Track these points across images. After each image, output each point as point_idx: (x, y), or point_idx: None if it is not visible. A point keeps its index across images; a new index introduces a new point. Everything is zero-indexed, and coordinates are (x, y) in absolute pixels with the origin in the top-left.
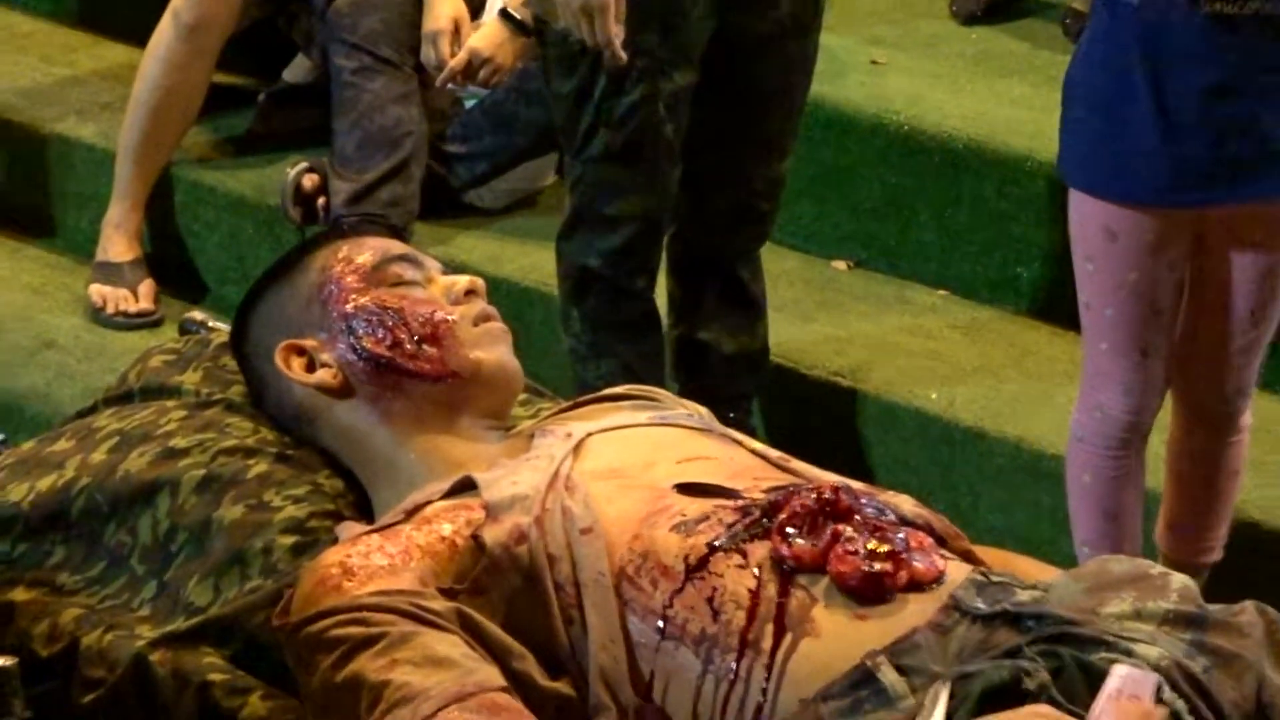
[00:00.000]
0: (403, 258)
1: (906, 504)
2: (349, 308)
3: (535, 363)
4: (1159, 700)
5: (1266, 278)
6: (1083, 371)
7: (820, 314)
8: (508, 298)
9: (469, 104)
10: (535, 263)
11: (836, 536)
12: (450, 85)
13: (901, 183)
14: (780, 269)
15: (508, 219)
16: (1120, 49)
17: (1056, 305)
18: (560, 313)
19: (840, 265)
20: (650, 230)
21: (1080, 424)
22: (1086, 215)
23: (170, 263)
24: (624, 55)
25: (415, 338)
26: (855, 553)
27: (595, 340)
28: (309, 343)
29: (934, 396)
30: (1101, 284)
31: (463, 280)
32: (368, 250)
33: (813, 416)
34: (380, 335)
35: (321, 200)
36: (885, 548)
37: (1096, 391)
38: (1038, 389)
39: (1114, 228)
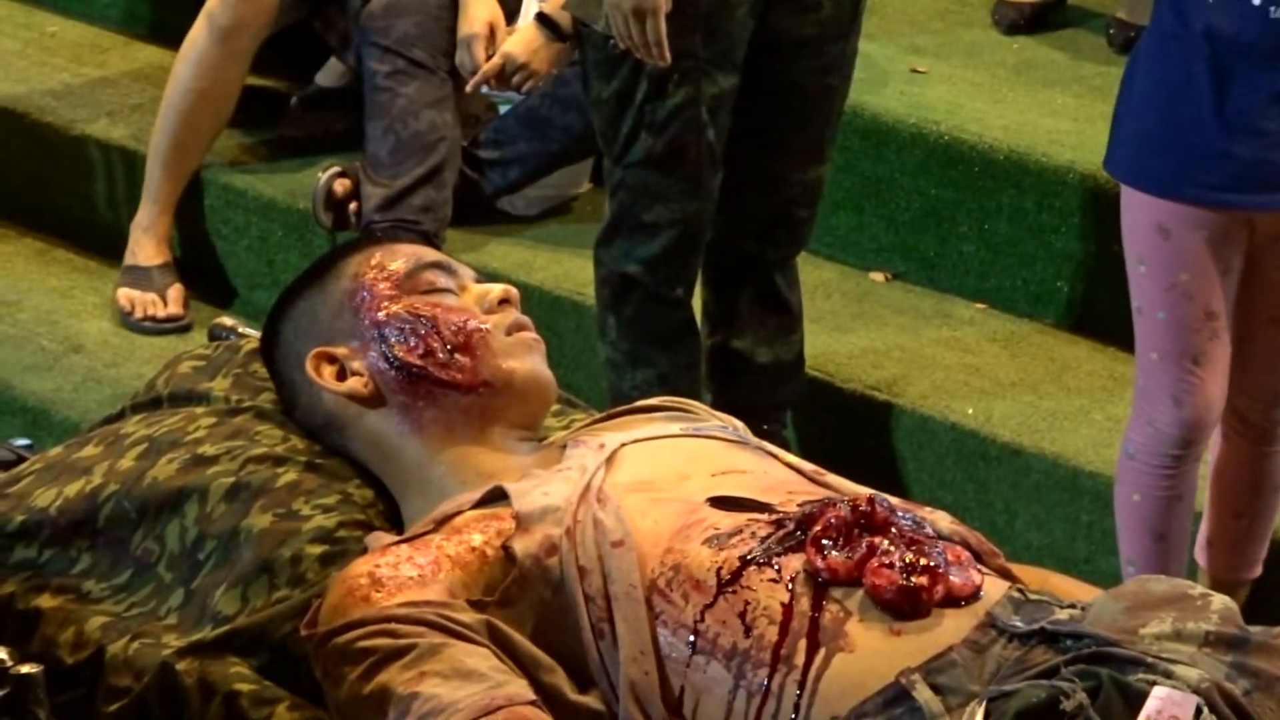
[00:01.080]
0: (436, 265)
1: (943, 520)
2: (381, 315)
3: (569, 373)
4: None
5: None
6: (1135, 386)
7: (857, 326)
8: (540, 306)
9: (503, 109)
10: (568, 271)
11: (872, 549)
12: (484, 90)
13: (941, 194)
14: (818, 280)
15: (540, 226)
16: (1185, 48)
17: (1096, 319)
18: (597, 320)
19: (878, 277)
20: (690, 237)
21: (1131, 440)
22: (1138, 214)
23: (200, 267)
24: (670, 58)
25: (448, 347)
26: (891, 566)
27: (632, 349)
28: (340, 350)
29: (970, 411)
30: (1153, 285)
31: (496, 289)
32: (401, 257)
33: (848, 430)
34: (413, 344)
35: (353, 205)
36: (922, 561)
37: (1148, 405)
38: (1076, 404)
39: (1167, 225)
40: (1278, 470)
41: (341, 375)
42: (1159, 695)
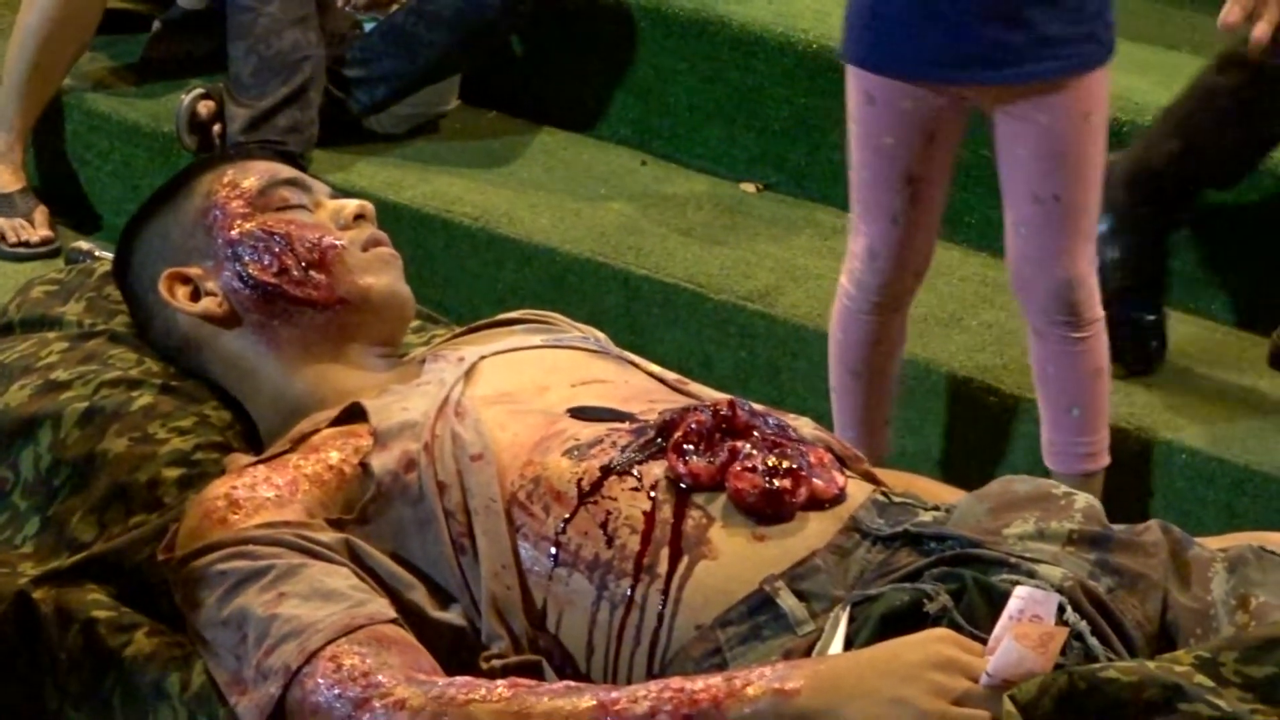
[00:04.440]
0: (289, 181)
1: (806, 426)
2: (234, 234)
3: (439, 291)
4: (1061, 621)
5: (1055, 161)
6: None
7: (729, 237)
8: (409, 225)
9: (368, 26)
10: (436, 189)
11: (734, 453)
12: (348, 7)
13: (810, 103)
14: (689, 192)
15: (409, 145)
16: None
17: (967, 225)
18: None
19: (749, 188)
20: None
21: (841, 283)
22: (851, 82)
23: (63, 194)
24: None
25: (303, 264)
26: (753, 469)
27: None
28: (194, 271)
29: None
30: (860, 146)
31: (351, 204)
32: (254, 174)
33: (721, 341)
34: (266, 262)
35: (217, 128)
36: (785, 464)
37: (854, 255)
38: (948, 310)
39: (873, 93)
40: (1092, 359)
41: (195, 296)
42: (1021, 595)
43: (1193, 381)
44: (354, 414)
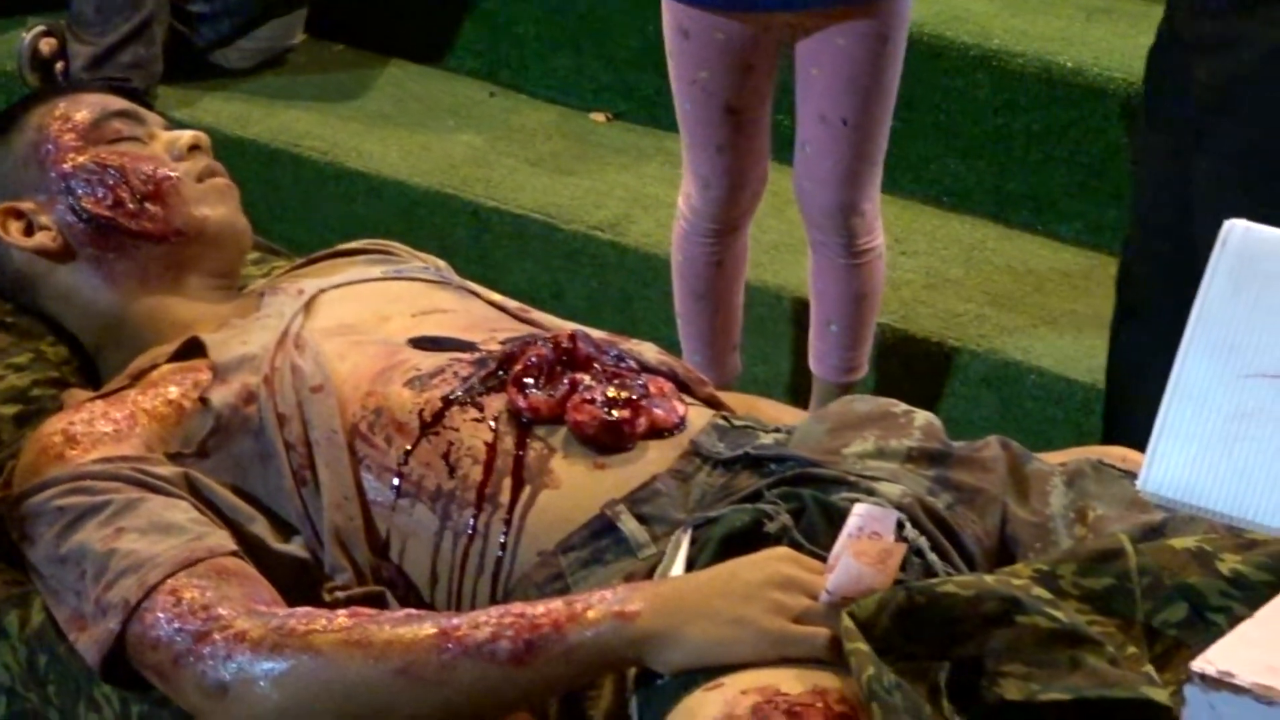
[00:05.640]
0: (122, 114)
1: (650, 352)
2: (67, 167)
3: (288, 226)
4: (900, 537)
5: (847, 85)
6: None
7: (579, 167)
8: (257, 160)
9: None
10: (284, 123)
11: (574, 386)
12: None
13: (658, 30)
14: (537, 123)
15: (255, 79)
16: None
17: None
18: None
19: (598, 117)
20: None
21: (679, 209)
22: (667, 16)
23: None
24: None
25: (137, 196)
26: (593, 401)
27: None
28: (27, 205)
29: None
30: (679, 79)
31: (186, 135)
32: (85, 107)
33: (572, 270)
34: (100, 195)
35: (60, 65)
36: (624, 395)
37: (687, 183)
38: (797, 236)
39: (687, 27)
40: (859, 284)
41: (29, 230)
42: (859, 512)
43: (1041, 302)
44: (193, 349)
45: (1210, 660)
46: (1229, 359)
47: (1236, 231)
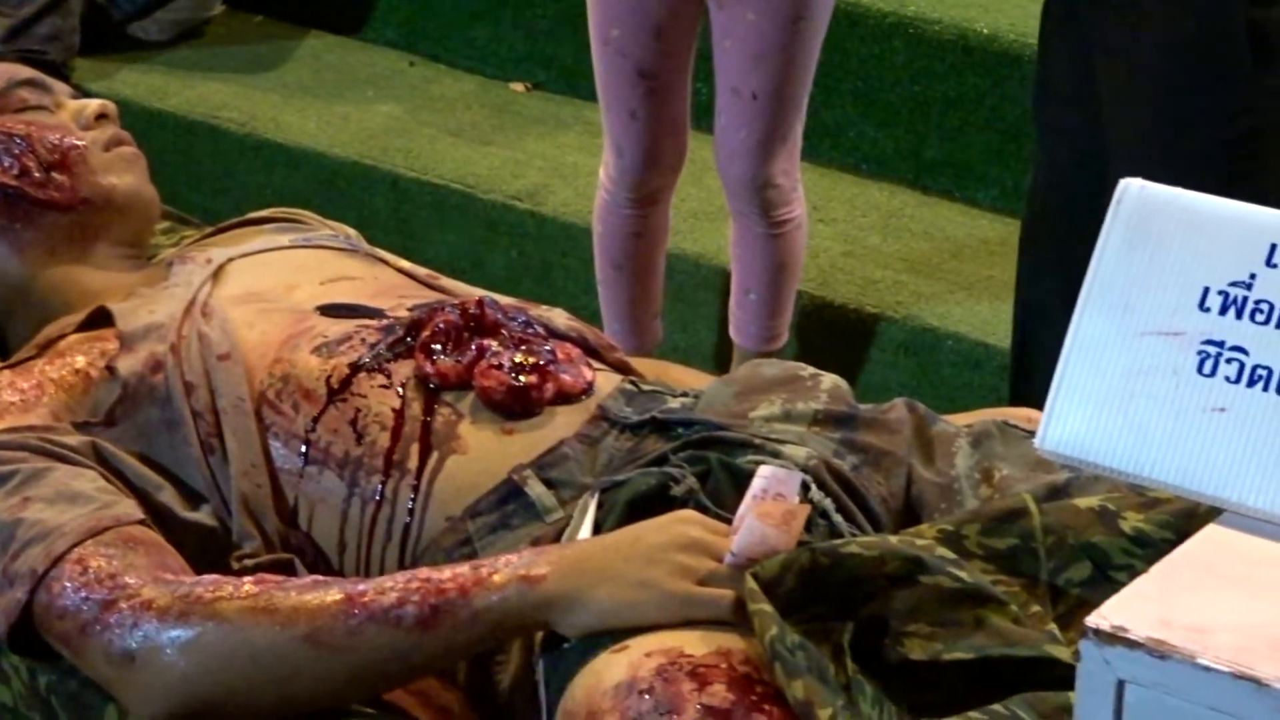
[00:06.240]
0: (28, 82)
1: (560, 318)
2: None
3: (206, 198)
4: (806, 499)
5: (756, 60)
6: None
7: (497, 137)
8: (175, 131)
9: None
10: (202, 95)
11: (481, 351)
12: None
13: (576, 0)
14: (457, 93)
15: (174, 51)
16: None
17: None
18: None
19: (517, 87)
20: None
21: (600, 178)
22: None
23: None
24: None
25: (44, 165)
26: (500, 367)
27: None
28: None
29: None
30: (594, 40)
31: (93, 104)
32: None
33: (490, 240)
34: (7, 164)
35: None
36: (531, 360)
37: (606, 151)
38: (716, 204)
39: None
40: (777, 255)
41: None
42: (764, 474)
43: (958, 268)
44: (100, 318)
45: (1105, 615)
46: (1124, 317)
47: (1131, 190)
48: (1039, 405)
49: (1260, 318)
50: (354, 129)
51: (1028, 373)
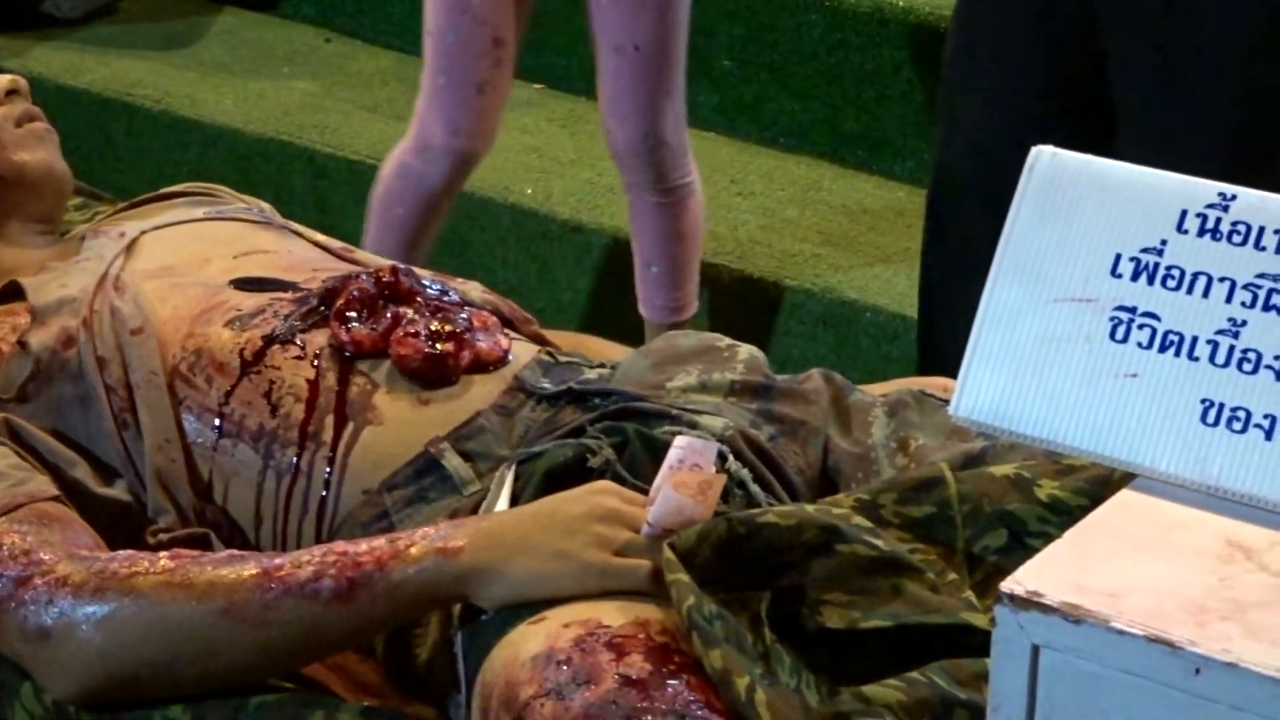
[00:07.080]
0: None
1: (475, 290)
2: None
3: (121, 175)
4: (723, 469)
5: (634, 10)
6: (416, 109)
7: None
8: (89, 109)
9: None
10: (117, 72)
11: (397, 319)
12: None
13: None
14: (374, 68)
15: (87, 28)
16: None
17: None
18: None
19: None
20: None
21: (406, 165)
22: None
23: None
24: None
25: None
26: (416, 334)
27: None
28: None
29: (530, 191)
30: (447, 7)
31: (3, 80)
32: None
33: None
34: None
35: None
36: (447, 328)
37: (427, 127)
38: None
39: None
40: (674, 223)
41: None
42: (680, 445)
43: (875, 240)
44: (12, 294)
45: (1019, 580)
46: (1036, 285)
47: (1043, 158)
48: (946, 369)
49: (1171, 283)
50: (270, 106)
51: (934, 335)
